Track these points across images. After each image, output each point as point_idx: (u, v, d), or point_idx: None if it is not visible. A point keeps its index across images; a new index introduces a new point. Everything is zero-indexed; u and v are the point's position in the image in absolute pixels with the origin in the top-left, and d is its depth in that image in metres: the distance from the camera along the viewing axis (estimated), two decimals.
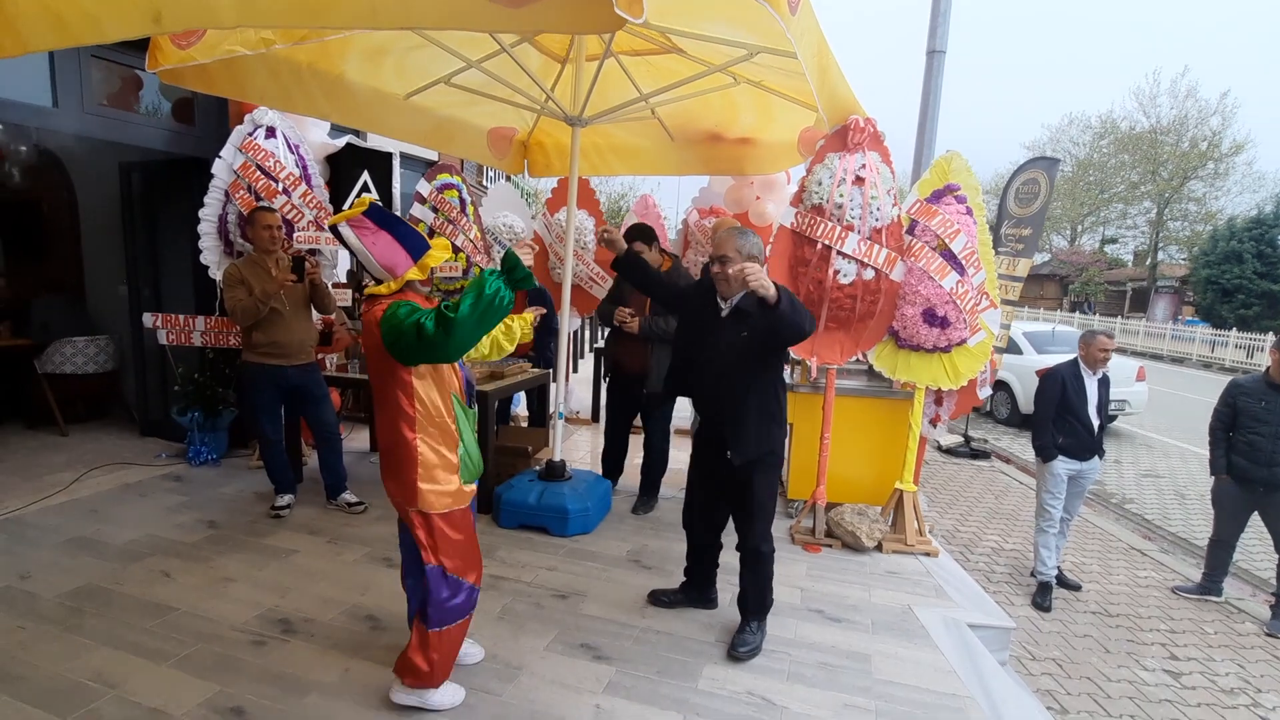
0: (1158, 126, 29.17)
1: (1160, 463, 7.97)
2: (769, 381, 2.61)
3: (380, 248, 2.01)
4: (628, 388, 4.08)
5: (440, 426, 2.06)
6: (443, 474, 2.07)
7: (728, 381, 2.58)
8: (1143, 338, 21.54)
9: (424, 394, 2.02)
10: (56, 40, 2.46)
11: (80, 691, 2.22)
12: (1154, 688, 3.33)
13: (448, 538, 2.10)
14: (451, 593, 2.12)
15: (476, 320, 1.80)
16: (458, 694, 2.25)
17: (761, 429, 2.58)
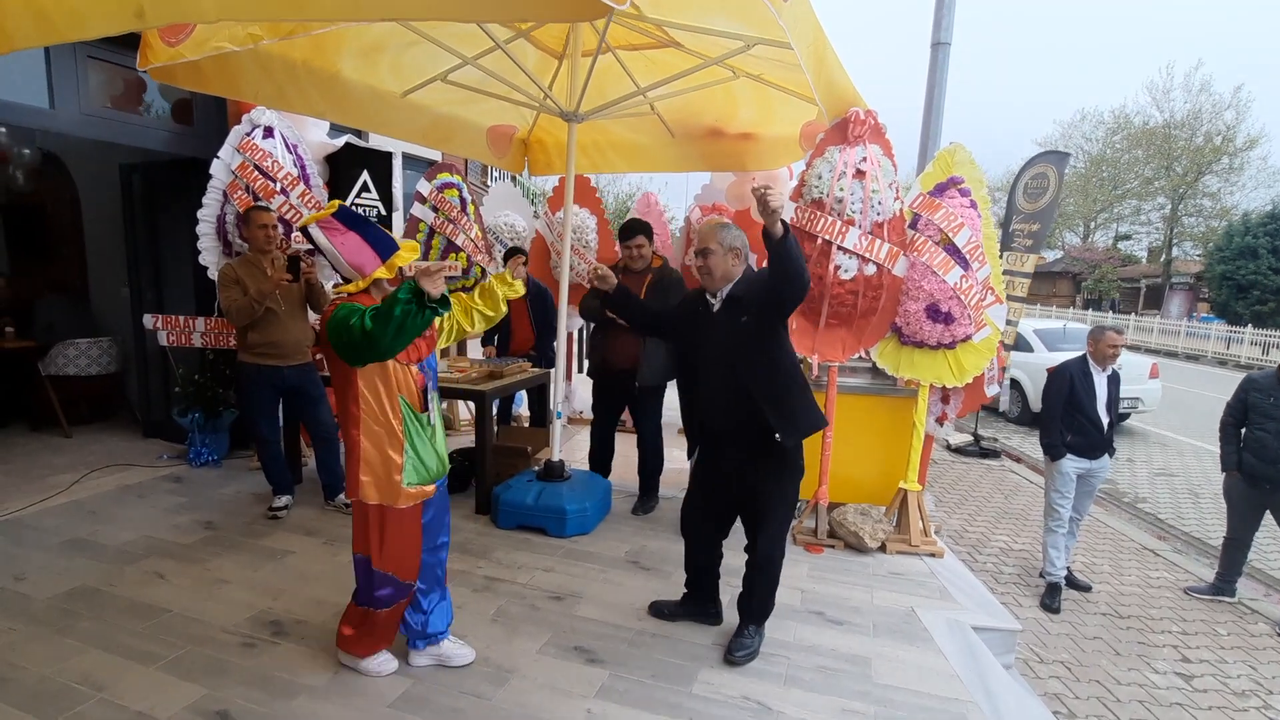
0: (1171, 121, 28.77)
1: (1174, 461, 7.83)
2: (788, 359, 2.51)
3: (349, 248, 2.07)
4: (616, 383, 4.02)
5: (385, 426, 2.13)
6: (384, 471, 2.14)
7: (744, 370, 2.45)
8: (1157, 335, 21.25)
9: (368, 394, 2.09)
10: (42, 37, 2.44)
11: (67, 694, 2.20)
12: (1165, 690, 3.25)
13: (383, 533, 2.17)
14: (376, 585, 2.21)
15: (392, 336, 1.87)
16: (387, 664, 2.37)
17: (802, 405, 2.49)
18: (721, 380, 2.52)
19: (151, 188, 5.06)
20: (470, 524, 3.80)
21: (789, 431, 2.45)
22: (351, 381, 2.07)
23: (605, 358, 3.98)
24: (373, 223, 2.16)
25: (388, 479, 2.14)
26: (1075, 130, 33.20)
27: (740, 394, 2.47)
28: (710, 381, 2.57)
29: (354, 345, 1.92)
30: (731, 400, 2.50)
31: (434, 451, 2.24)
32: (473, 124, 4.59)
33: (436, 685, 2.32)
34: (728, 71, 3.62)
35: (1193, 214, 29.12)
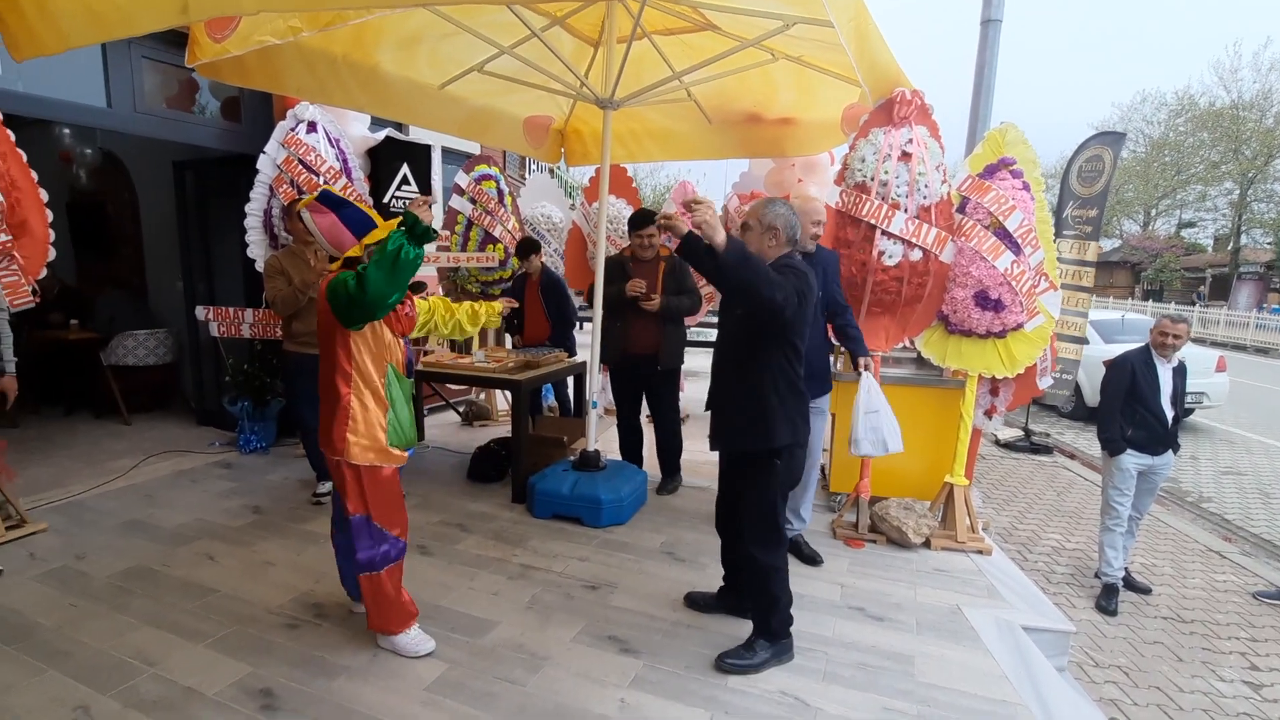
0: (1239, 102, 27.14)
1: (1242, 459, 7.40)
2: (762, 368, 2.29)
3: (328, 227, 2.25)
4: (636, 370, 4.04)
5: (373, 389, 2.26)
6: (369, 431, 2.25)
7: (720, 363, 2.46)
8: (1224, 327, 20.13)
9: (360, 356, 2.23)
10: (94, 35, 2.53)
11: (122, 668, 2.28)
12: (1231, 699, 3.06)
13: (374, 491, 2.28)
14: (375, 541, 2.31)
15: (385, 275, 2.03)
16: (422, 642, 2.41)
17: (745, 422, 2.33)
18: (717, 360, 2.51)
19: (203, 184, 5.23)
20: (506, 512, 3.82)
21: (716, 438, 2.45)
22: (345, 341, 2.20)
23: (625, 346, 3.98)
24: (351, 204, 2.30)
25: (372, 438, 2.25)
26: (1135, 113, 31.66)
27: (717, 376, 2.47)
28: (714, 358, 2.55)
29: (350, 300, 2.07)
30: (716, 383, 2.49)
31: (410, 418, 2.40)
32: (510, 115, 4.60)
33: (471, 670, 2.33)
34: (766, 54, 3.54)
35: (1263, 199, 27.44)
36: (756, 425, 2.31)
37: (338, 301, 2.12)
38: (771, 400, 2.29)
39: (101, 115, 4.03)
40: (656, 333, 3.91)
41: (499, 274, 5.48)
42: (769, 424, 2.29)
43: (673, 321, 3.96)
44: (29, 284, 3.30)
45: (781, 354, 2.29)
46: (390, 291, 2.08)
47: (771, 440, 2.30)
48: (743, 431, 2.36)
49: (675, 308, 3.89)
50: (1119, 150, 5.81)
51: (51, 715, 2.04)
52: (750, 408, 2.32)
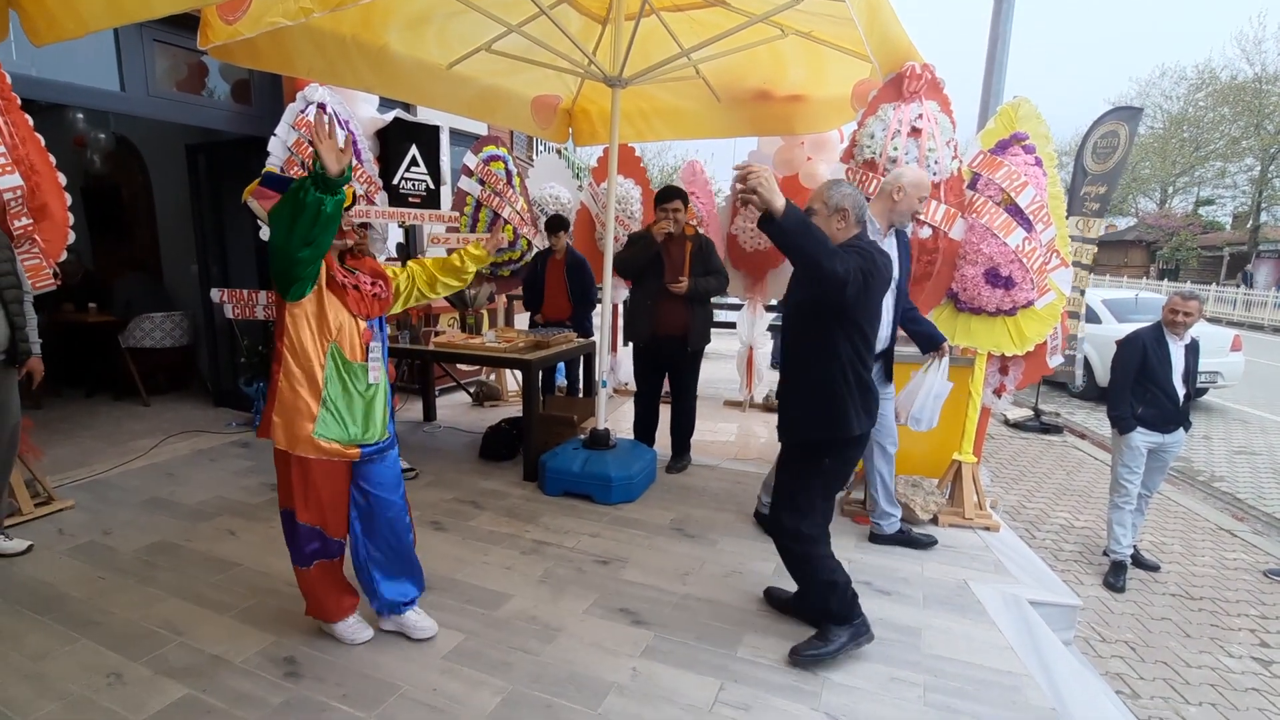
0: (1263, 75, 26.46)
1: (1256, 439, 7.35)
2: (829, 357, 2.19)
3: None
4: (662, 351, 4.07)
5: (306, 372, 2.04)
6: (292, 415, 2.05)
7: (786, 353, 2.37)
8: (1240, 306, 19.85)
9: (295, 332, 2.02)
10: (112, 19, 2.56)
11: (151, 637, 2.36)
12: (1239, 675, 3.08)
13: (305, 483, 2.10)
14: (302, 540, 2.17)
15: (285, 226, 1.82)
16: (359, 630, 2.35)
17: (810, 412, 2.26)
18: (783, 351, 2.45)
19: (215, 167, 5.27)
20: (518, 490, 3.88)
21: (781, 425, 2.37)
22: (280, 316, 2.03)
23: (654, 327, 4.00)
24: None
25: (294, 424, 2.05)
26: (1154, 87, 30.98)
27: (784, 364, 2.41)
28: (782, 350, 2.49)
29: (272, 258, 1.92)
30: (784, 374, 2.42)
31: (364, 414, 2.14)
32: (517, 95, 4.59)
33: (487, 640, 2.40)
34: (775, 30, 3.50)
35: None
36: (822, 414, 2.23)
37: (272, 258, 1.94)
38: (840, 388, 2.20)
39: (115, 99, 4.06)
40: (685, 314, 3.94)
41: (508, 255, 5.50)
42: (838, 412, 2.21)
43: (700, 303, 3.98)
44: (50, 267, 3.36)
45: (848, 341, 2.18)
46: (296, 246, 1.83)
47: (839, 429, 2.22)
48: (806, 421, 2.28)
49: (703, 289, 3.91)
50: (1135, 126, 5.70)
51: (85, 681, 2.13)
52: (816, 398, 2.24)
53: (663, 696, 2.13)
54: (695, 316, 3.95)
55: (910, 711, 2.10)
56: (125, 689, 2.10)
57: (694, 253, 3.90)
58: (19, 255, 3.12)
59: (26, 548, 2.99)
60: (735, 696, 2.14)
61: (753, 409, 6.04)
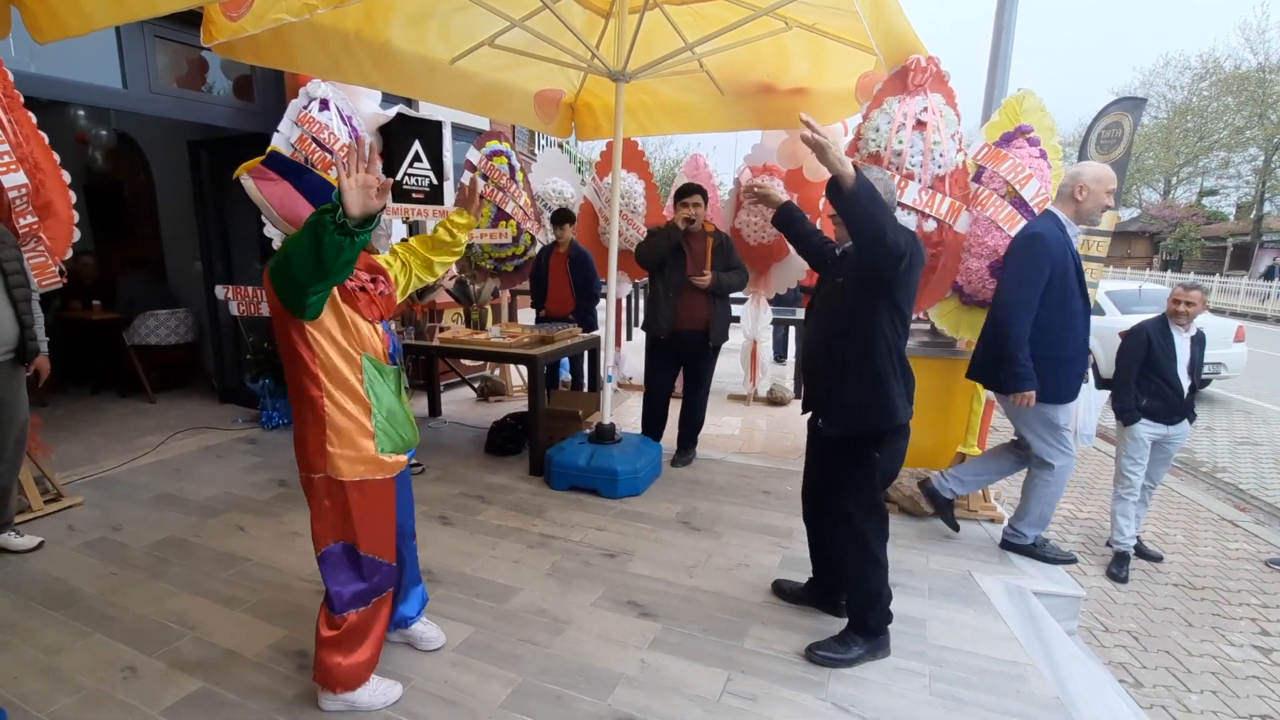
0: (1267, 64, 26.32)
1: (1259, 430, 7.35)
2: (870, 342, 2.15)
3: (279, 197, 1.87)
4: (681, 346, 4.10)
5: (347, 389, 1.85)
6: (355, 438, 1.87)
7: (822, 338, 2.31)
8: (1244, 297, 19.80)
9: (324, 350, 1.80)
10: (117, 16, 2.55)
11: (163, 631, 2.39)
12: (1241, 663, 3.11)
13: (363, 511, 1.90)
14: (366, 572, 1.94)
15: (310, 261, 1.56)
16: (390, 690, 2.06)
17: (861, 399, 2.18)
18: (813, 333, 2.39)
19: (218, 164, 5.27)
20: (524, 484, 3.90)
21: (830, 418, 2.27)
22: (304, 338, 1.78)
23: (676, 320, 4.01)
24: (310, 170, 1.94)
25: (356, 447, 1.87)
26: (1157, 77, 30.86)
27: (821, 353, 2.32)
28: (809, 330, 2.44)
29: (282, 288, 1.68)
30: (814, 356, 2.36)
31: (407, 416, 2.02)
32: (520, 89, 4.58)
33: (497, 633, 2.42)
34: (779, 22, 3.49)
35: None
36: (875, 403, 2.17)
37: (278, 285, 1.69)
38: (887, 372, 2.15)
39: (117, 96, 4.06)
40: (707, 308, 3.98)
41: (512, 250, 5.51)
42: (888, 400, 2.15)
43: (722, 298, 4.04)
44: (56, 265, 3.37)
45: (890, 322, 2.15)
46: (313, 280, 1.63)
47: (893, 418, 2.17)
48: (862, 410, 2.20)
49: (725, 284, 3.95)
50: (1139, 116, 5.67)
51: (101, 675, 2.15)
52: (865, 384, 2.17)
53: (671, 687, 2.15)
54: (717, 311, 4.01)
55: (916, 701, 2.12)
56: (140, 683, 2.12)
57: (715, 248, 3.97)
58: (24, 254, 3.13)
59: (38, 544, 3.02)
60: (742, 687, 2.16)
61: (757, 402, 6.06)
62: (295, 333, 1.78)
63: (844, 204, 1.92)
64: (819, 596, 2.64)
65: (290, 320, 1.76)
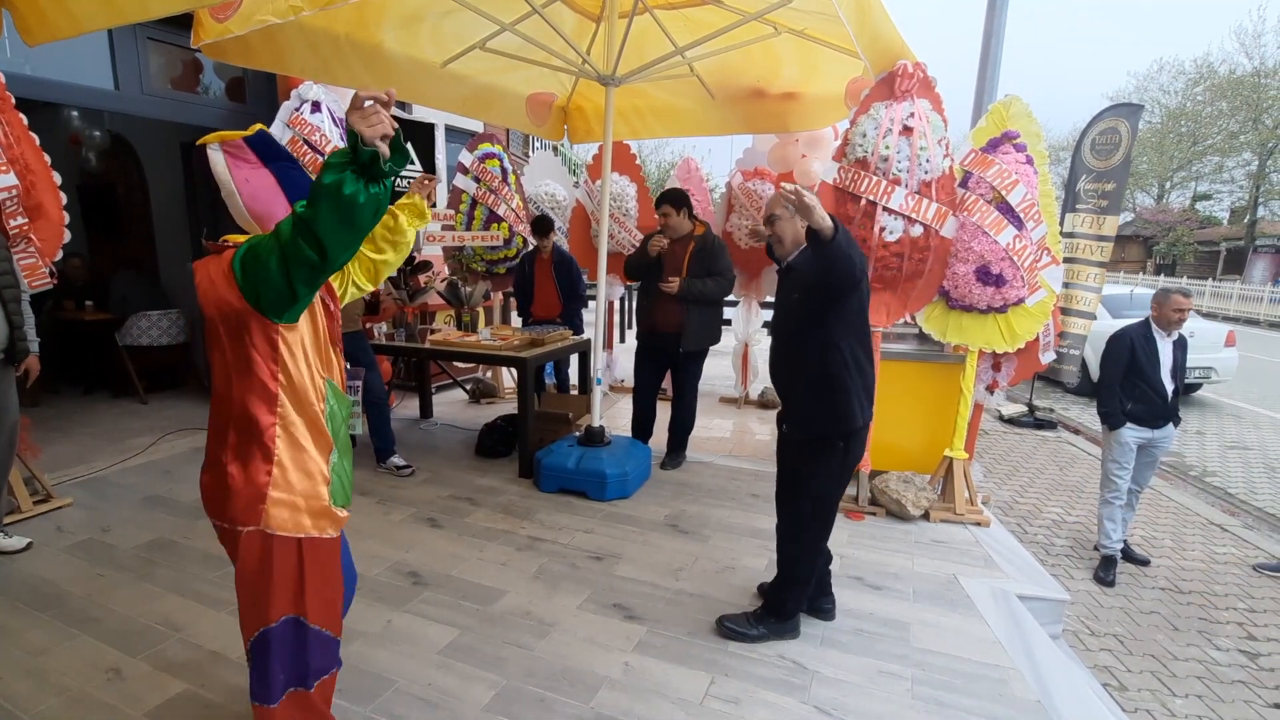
0: (1262, 69, 26.43)
1: (1249, 434, 7.39)
2: (829, 353, 2.26)
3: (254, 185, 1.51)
4: (660, 348, 4.12)
5: (310, 419, 1.51)
6: (305, 484, 1.50)
7: (783, 349, 2.42)
8: (1237, 301, 19.89)
9: (295, 365, 1.47)
10: (108, 19, 2.56)
11: (150, 633, 2.39)
12: (1227, 668, 3.12)
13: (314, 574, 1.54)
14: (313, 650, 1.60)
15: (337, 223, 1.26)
16: None
17: (823, 406, 2.29)
18: (777, 347, 2.48)
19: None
20: (514, 487, 3.91)
21: (795, 424, 2.38)
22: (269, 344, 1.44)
23: (653, 322, 4.07)
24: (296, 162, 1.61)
25: (310, 495, 1.51)
26: (1151, 82, 30.94)
27: (781, 365, 2.43)
28: (774, 344, 2.53)
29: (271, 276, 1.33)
30: (780, 369, 2.45)
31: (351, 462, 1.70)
32: (512, 92, 4.59)
33: (482, 636, 2.43)
34: (769, 28, 3.51)
35: None
36: (834, 410, 2.29)
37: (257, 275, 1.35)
38: (844, 381, 2.27)
39: (109, 98, 4.07)
40: (679, 313, 3.95)
41: (504, 253, 5.52)
42: (847, 407, 2.28)
43: (698, 303, 3.94)
44: (46, 266, 3.37)
45: (851, 330, 2.27)
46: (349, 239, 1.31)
47: (850, 423, 2.29)
48: (821, 418, 2.32)
49: (697, 291, 3.87)
50: (1136, 122, 5.70)
51: (86, 676, 2.15)
52: (824, 393, 2.29)
53: (654, 690, 2.16)
54: (690, 316, 3.93)
55: (898, 704, 2.13)
56: (125, 684, 2.12)
57: (695, 253, 3.92)
58: (15, 255, 3.13)
59: (26, 545, 3.02)
60: (726, 690, 2.17)
61: (748, 405, 6.07)
62: (257, 336, 1.42)
63: (828, 251, 2.03)
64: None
65: (253, 320, 1.41)
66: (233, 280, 1.40)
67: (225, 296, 1.41)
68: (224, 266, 1.42)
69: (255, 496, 1.46)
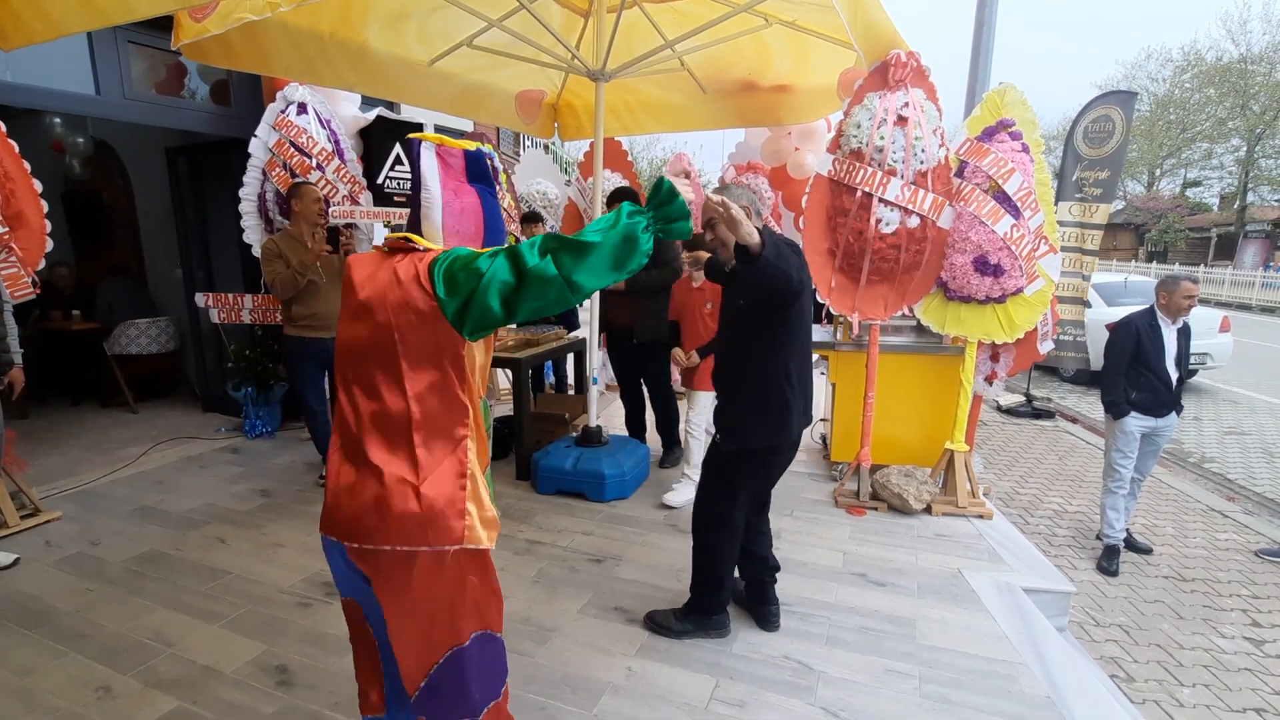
0: (1248, 55, 26.53)
1: (1246, 419, 7.40)
2: (765, 361, 2.23)
3: (461, 204, 1.46)
4: (619, 343, 4.12)
5: (481, 433, 1.51)
6: (486, 494, 1.48)
7: (726, 358, 2.41)
8: (1229, 287, 19.97)
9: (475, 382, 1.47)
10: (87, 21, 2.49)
11: (140, 649, 2.34)
12: (1233, 655, 3.11)
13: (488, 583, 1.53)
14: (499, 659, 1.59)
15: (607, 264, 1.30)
16: None
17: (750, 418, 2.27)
18: (720, 354, 2.49)
19: (196, 170, 5.20)
20: (511, 489, 3.86)
21: (724, 433, 2.34)
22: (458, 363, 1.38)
23: (609, 319, 4.07)
24: (497, 200, 1.59)
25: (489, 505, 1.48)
26: (1140, 70, 31.02)
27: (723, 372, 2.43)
28: (717, 351, 2.54)
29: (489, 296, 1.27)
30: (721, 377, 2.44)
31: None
32: (501, 90, 4.53)
33: None
34: (759, 19, 3.47)
35: (1271, 156, 26.99)
36: (771, 421, 2.25)
37: (474, 292, 1.28)
38: (784, 392, 2.23)
39: (91, 103, 3.99)
40: (630, 305, 3.91)
41: None
42: (784, 420, 2.24)
43: (647, 296, 3.87)
44: (28, 275, 3.30)
45: (793, 340, 2.23)
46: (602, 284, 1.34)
47: (784, 435, 2.27)
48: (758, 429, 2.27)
49: (641, 283, 3.80)
50: (1130, 110, 5.69)
51: (74, 695, 2.10)
52: (761, 404, 2.24)
53: (658, 695, 2.12)
54: (641, 309, 3.87)
55: (906, 703, 2.10)
56: (115, 702, 2.07)
57: None
58: None
59: (13, 561, 2.96)
60: (731, 693, 2.14)
61: None
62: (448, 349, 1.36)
63: (758, 266, 1.94)
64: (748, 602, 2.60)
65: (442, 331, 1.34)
66: (425, 286, 1.32)
67: (412, 299, 1.32)
68: (417, 269, 1.34)
69: (450, 513, 1.37)
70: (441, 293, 1.31)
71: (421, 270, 1.33)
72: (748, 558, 2.53)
